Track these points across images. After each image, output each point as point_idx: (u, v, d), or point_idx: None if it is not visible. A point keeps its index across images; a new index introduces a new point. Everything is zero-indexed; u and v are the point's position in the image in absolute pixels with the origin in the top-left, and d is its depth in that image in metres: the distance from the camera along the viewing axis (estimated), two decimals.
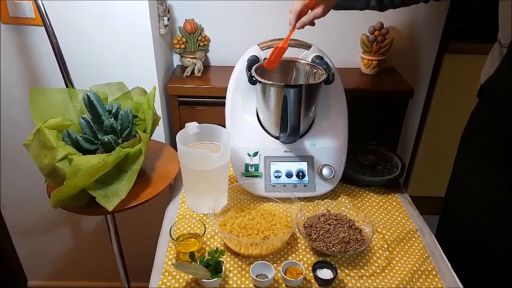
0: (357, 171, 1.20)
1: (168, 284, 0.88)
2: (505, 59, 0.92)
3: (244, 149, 1.11)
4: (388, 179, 1.17)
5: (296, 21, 0.98)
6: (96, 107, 0.99)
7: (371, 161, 1.23)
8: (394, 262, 0.95)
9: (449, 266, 0.95)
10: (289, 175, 1.10)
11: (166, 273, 0.91)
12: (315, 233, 0.97)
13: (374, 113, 1.41)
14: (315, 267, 0.90)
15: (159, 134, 1.39)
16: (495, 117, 0.96)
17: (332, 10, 1.41)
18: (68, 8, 1.17)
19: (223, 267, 0.88)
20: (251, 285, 0.88)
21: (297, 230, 0.99)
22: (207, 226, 1.00)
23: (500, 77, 0.94)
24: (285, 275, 0.87)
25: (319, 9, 0.97)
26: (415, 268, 0.93)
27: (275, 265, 0.91)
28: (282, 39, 1.13)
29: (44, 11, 1.02)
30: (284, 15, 1.40)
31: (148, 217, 1.54)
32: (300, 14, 0.98)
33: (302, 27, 0.98)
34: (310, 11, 0.99)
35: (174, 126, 1.42)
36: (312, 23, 1.00)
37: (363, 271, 0.92)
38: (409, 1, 1.04)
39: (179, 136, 1.02)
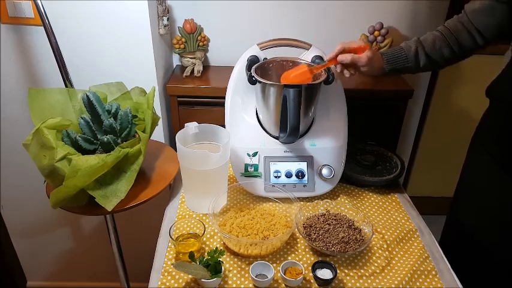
0: (356, 171, 1.20)
1: (167, 284, 0.88)
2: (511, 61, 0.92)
3: (243, 149, 1.11)
4: (388, 179, 1.17)
5: (337, 54, 0.97)
6: (95, 107, 0.99)
7: (370, 161, 1.23)
8: (394, 262, 0.95)
9: (449, 266, 0.95)
10: (288, 175, 1.10)
11: (166, 273, 0.91)
12: (314, 233, 0.97)
13: (373, 113, 1.41)
14: (315, 267, 0.90)
15: (159, 134, 1.39)
16: (501, 118, 0.96)
17: (335, 8, 1.42)
18: (67, 8, 1.17)
19: (222, 267, 0.88)
20: (250, 285, 0.88)
21: (296, 230, 0.99)
22: (206, 226, 1.00)
23: (506, 78, 0.94)
24: (284, 275, 0.87)
25: (363, 56, 0.96)
26: (414, 268, 0.93)
27: (274, 265, 0.91)
28: (281, 39, 1.13)
29: (43, 11, 1.02)
30: (283, 15, 1.41)
31: (147, 217, 1.54)
32: (344, 51, 0.97)
33: (341, 62, 0.97)
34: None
35: (174, 126, 1.42)
36: (350, 68, 0.99)
37: (362, 271, 0.92)
38: (461, 54, 0.99)
39: (179, 136, 1.02)
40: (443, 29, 0.99)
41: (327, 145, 1.12)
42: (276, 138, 1.11)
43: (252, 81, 1.04)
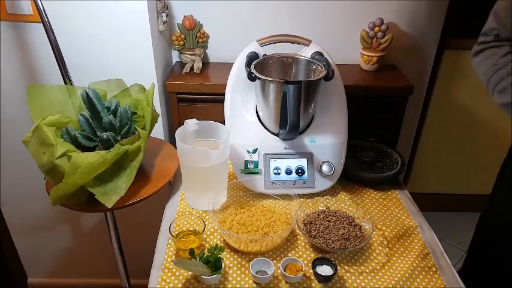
0: (356, 167, 1.19)
1: (167, 280, 0.88)
2: None
3: (243, 146, 1.10)
4: (388, 176, 1.17)
5: None
6: (94, 104, 0.99)
7: (371, 158, 1.23)
8: (394, 259, 0.95)
9: (449, 263, 0.95)
10: (288, 172, 1.10)
11: (166, 270, 0.91)
12: (314, 230, 0.97)
13: (374, 110, 1.40)
14: (315, 263, 0.90)
15: (158, 131, 1.38)
16: None
17: (335, 4, 1.38)
18: (66, 4, 1.16)
19: (222, 264, 0.88)
20: (251, 281, 0.88)
21: (296, 226, 0.99)
22: (206, 223, 1.00)
23: None
24: (284, 271, 0.87)
25: None
26: (414, 265, 0.93)
27: (275, 262, 0.91)
28: (281, 35, 1.13)
29: (42, 8, 1.02)
30: (283, 11, 1.41)
31: (147, 214, 1.54)
32: None
33: None
34: None
35: (173, 123, 1.41)
36: None
37: (362, 267, 0.92)
38: None
39: (178, 133, 1.01)
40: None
41: (326, 142, 1.12)
42: (276, 135, 1.11)
43: (251, 77, 1.04)
